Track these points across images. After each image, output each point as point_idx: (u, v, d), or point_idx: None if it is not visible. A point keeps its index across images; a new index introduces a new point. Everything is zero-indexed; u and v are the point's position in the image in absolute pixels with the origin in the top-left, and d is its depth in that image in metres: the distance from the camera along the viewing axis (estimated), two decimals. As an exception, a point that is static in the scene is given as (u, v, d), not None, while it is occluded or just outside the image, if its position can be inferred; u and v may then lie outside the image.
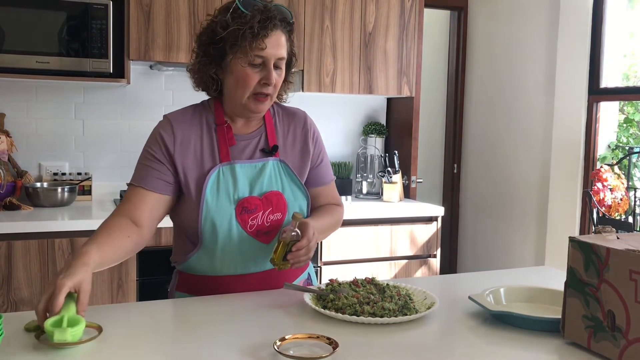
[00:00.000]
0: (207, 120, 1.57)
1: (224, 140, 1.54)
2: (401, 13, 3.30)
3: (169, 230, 2.61)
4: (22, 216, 2.54)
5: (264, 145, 1.59)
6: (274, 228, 1.55)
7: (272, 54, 1.47)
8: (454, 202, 4.08)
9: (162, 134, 1.53)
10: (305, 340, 1.17)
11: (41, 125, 2.98)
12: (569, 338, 1.23)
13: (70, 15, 2.63)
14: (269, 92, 1.51)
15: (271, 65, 1.48)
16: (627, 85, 3.32)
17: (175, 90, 3.22)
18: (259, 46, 1.45)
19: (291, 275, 1.63)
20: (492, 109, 3.78)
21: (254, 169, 1.55)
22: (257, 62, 1.47)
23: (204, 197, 1.49)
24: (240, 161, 1.54)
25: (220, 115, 1.57)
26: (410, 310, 1.35)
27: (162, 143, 1.52)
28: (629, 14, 3.20)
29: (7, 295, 2.39)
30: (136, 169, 1.54)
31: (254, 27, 1.44)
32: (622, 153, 3.18)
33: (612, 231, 1.23)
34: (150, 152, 1.53)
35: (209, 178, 1.50)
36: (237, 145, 1.56)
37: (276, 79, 1.51)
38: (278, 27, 1.48)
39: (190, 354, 1.15)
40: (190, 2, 2.83)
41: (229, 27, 1.46)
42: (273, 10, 1.48)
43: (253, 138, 1.59)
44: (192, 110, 1.59)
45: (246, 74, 1.47)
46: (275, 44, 1.48)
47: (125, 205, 1.51)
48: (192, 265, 1.58)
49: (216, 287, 1.55)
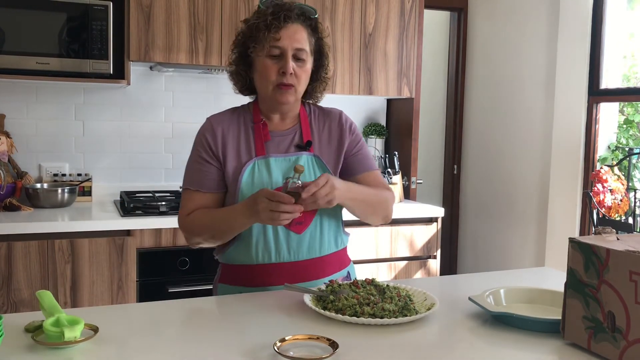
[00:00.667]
0: (244, 119, 1.68)
1: (259, 136, 1.64)
2: (401, 14, 3.31)
3: (170, 231, 2.61)
4: (22, 217, 2.54)
5: (298, 141, 1.67)
6: (306, 219, 1.61)
7: (288, 44, 1.55)
8: (454, 203, 4.08)
9: (205, 135, 1.64)
10: (306, 341, 1.17)
11: (41, 126, 2.98)
12: (569, 339, 1.23)
13: (71, 16, 2.63)
14: (290, 82, 1.57)
15: (288, 55, 1.56)
16: (627, 86, 3.32)
17: (175, 91, 3.22)
18: (273, 37, 1.54)
19: (328, 269, 1.67)
20: (492, 109, 3.78)
21: (288, 162, 1.62)
22: (275, 52, 1.56)
23: (240, 188, 1.59)
24: (274, 155, 1.62)
25: (257, 114, 1.67)
26: (410, 311, 1.35)
27: (206, 144, 1.63)
28: (629, 14, 3.21)
29: (7, 296, 2.39)
30: (188, 172, 1.66)
31: (267, 19, 1.54)
32: (622, 154, 3.18)
33: (612, 232, 1.23)
34: (199, 155, 1.64)
35: (244, 170, 1.60)
36: (273, 141, 1.64)
37: (296, 69, 1.57)
38: (294, 20, 1.57)
39: (190, 354, 1.15)
40: (191, 3, 2.83)
41: (249, 22, 1.59)
42: (289, 5, 1.58)
43: (288, 135, 1.67)
44: (231, 111, 1.72)
45: (265, 66, 1.57)
46: (291, 36, 1.56)
47: (190, 207, 1.63)
48: (231, 256, 1.65)
49: (254, 276, 1.62)
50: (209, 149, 1.63)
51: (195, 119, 3.26)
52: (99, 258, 2.51)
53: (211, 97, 3.29)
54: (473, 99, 3.95)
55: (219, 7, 2.88)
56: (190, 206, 1.63)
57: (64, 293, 2.46)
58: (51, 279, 2.44)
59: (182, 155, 3.25)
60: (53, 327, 1.14)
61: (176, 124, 3.23)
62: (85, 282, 2.49)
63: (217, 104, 3.30)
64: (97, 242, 2.50)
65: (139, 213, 2.65)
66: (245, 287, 1.62)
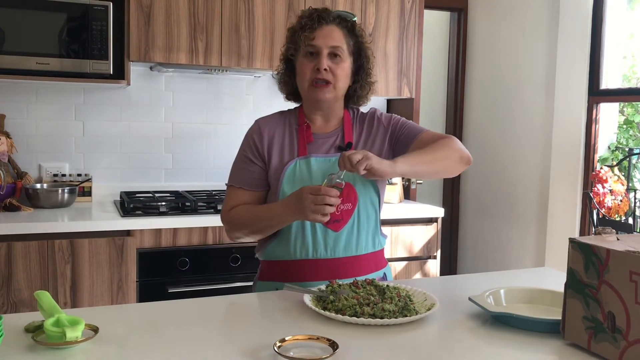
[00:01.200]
0: (290, 121, 1.75)
1: (302, 138, 1.71)
2: (401, 14, 3.31)
3: (170, 232, 2.61)
4: (22, 217, 2.54)
5: (339, 143, 1.73)
6: (343, 217, 1.66)
7: (322, 43, 1.63)
8: (454, 204, 4.08)
9: (252, 136, 1.73)
10: (306, 342, 1.17)
11: (41, 126, 2.98)
12: (569, 339, 1.23)
13: (71, 16, 2.63)
14: (325, 78, 1.64)
15: (323, 52, 1.63)
16: (627, 86, 3.32)
17: (175, 92, 3.22)
18: (308, 37, 1.63)
19: (364, 268, 1.70)
20: (492, 110, 3.78)
21: (328, 163, 1.68)
22: (310, 50, 1.64)
23: (281, 185, 1.66)
24: (315, 155, 1.69)
25: (301, 117, 1.75)
26: (410, 312, 1.35)
27: (253, 144, 1.72)
28: (629, 15, 3.21)
29: (7, 297, 2.39)
30: (234, 170, 1.75)
31: (302, 21, 1.65)
32: (622, 154, 3.18)
33: (612, 232, 1.23)
34: (246, 155, 1.73)
35: (286, 169, 1.67)
36: (315, 143, 1.71)
37: (332, 66, 1.64)
38: (329, 21, 1.65)
39: (190, 354, 1.14)
40: (191, 4, 2.83)
41: (289, 28, 1.71)
42: (326, 10, 1.67)
43: (331, 137, 1.73)
44: (278, 114, 1.79)
45: (302, 64, 1.66)
46: (326, 35, 1.64)
47: (233, 203, 1.71)
48: (271, 252, 1.72)
49: (291, 271, 1.67)
50: (255, 149, 1.71)
51: (195, 119, 3.26)
52: (99, 258, 2.51)
53: (211, 97, 3.29)
54: (473, 99, 3.95)
55: (219, 7, 2.88)
56: (233, 202, 1.71)
57: (63, 293, 2.46)
58: (51, 279, 2.44)
59: (182, 155, 3.25)
60: (54, 327, 1.14)
61: (176, 124, 3.23)
62: (85, 282, 2.49)
63: (217, 104, 3.30)
64: (97, 243, 2.50)
65: (139, 213, 2.65)
66: (282, 282, 1.65)
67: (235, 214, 1.70)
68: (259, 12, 2.95)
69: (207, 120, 3.29)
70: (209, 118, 3.29)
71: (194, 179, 3.28)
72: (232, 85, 3.32)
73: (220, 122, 3.31)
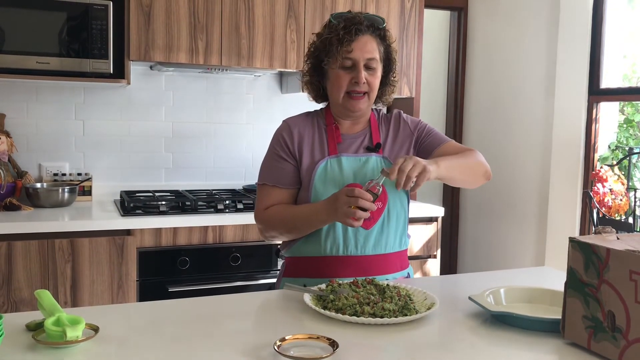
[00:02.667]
0: (318, 122, 1.78)
1: (332, 138, 1.74)
2: (401, 13, 3.31)
3: (170, 231, 2.61)
4: (23, 217, 2.54)
5: (368, 144, 1.76)
6: (374, 216, 1.68)
7: (360, 55, 1.65)
8: (454, 203, 4.08)
9: (282, 135, 1.75)
10: (306, 341, 1.17)
11: (41, 125, 2.98)
12: (569, 338, 1.23)
13: (71, 15, 2.63)
14: (363, 90, 1.68)
15: (360, 66, 1.65)
16: (627, 85, 3.32)
17: (175, 91, 3.22)
18: (346, 49, 1.64)
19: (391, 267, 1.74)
20: (492, 109, 3.78)
21: (359, 162, 1.71)
22: (347, 64, 1.66)
23: (313, 183, 1.69)
24: (346, 154, 1.72)
25: (329, 118, 1.77)
26: (411, 311, 1.35)
27: (283, 142, 1.74)
28: (629, 14, 3.21)
29: (7, 296, 2.39)
30: (265, 170, 1.76)
31: (339, 33, 1.64)
32: (622, 154, 3.18)
33: (612, 232, 1.23)
34: (276, 153, 1.75)
35: (317, 167, 1.70)
36: (344, 143, 1.74)
37: (368, 78, 1.67)
38: (365, 32, 1.66)
39: (190, 354, 1.15)
40: (191, 3, 2.83)
41: (322, 36, 1.70)
42: (359, 17, 1.67)
43: (358, 137, 1.77)
44: (306, 114, 1.82)
45: (338, 76, 1.67)
46: (362, 47, 1.65)
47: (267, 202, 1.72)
48: (300, 248, 1.74)
49: (321, 267, 1.69)
50: (285, 147, 1.73)
51: (196, 118, 3.26)
52: (99, 257, 2.51)
53: (211, 96, 3.29)
54: (473, 99, 3.95)
55: (219, 6, 2.88)
56: (268, 201, 1.73)
57: (64, 292, 2.46)
58: (51, 279, 2.44)
59: (182, 154, 3.25)
60: (54, 326, 1.14)
61: (176, 124, 3.23)
62: (85, 281, 2.50)
63: (217, 103, 3.30)
64: (97, 242, 2.50)
65: (139, 212, 2.65)
66: (310, 278, 1.69)
67: (272, 212, 1.71)
68: (259, 11, 2.95)
69: (207, 120, 3.29)
70: (209, 117, 3.29)
71: (194, 178, 3.28)
72: (232, 85, 3.32)
73: (220, 122, 3.31)
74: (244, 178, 3.36)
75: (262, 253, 2.78)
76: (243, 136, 3.36)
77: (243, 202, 2.85)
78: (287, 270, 1.80)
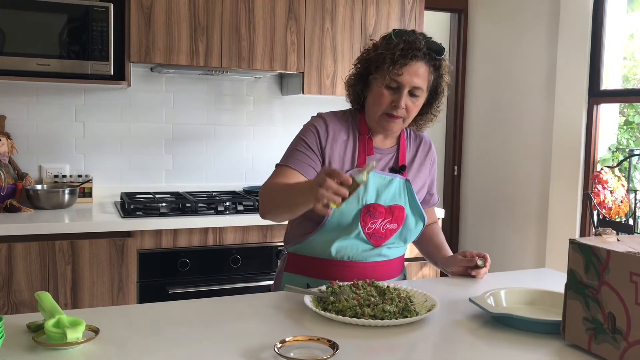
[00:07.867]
0: (353, 126, 1.75)
1: (363, 149, 1.72)
2: (401, 15, 3.31)
3: (170, 232, 2.61)
4: (23, 218, 2.54)
5: (393, 164, 1.76)
6: (386, 235, 1.70)
7: (407, 81, 1.61)
8: (455, 205, 4.08)
9: (317, 127, 1.71)
10: (306, 343, 1.18)
11: (42, 127, 2.99)
12: (570, 340, 1.23)
13: (71, 17, 2.64)
14: (400, 115, 1.65)
15: (405, 91, 1.62)
16: (627, 87, 3.32)
17: (175, 93, 3.22)
18: (395, 72, 1.60)
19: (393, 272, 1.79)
20: (493, 111, 3.78)
21: (383, 180, 1.70)
22: (393, 85, 1.63)
23: None
24: (374, 170, 1.67)
25: (363, 127, 1.74)
26: (411, 313, 1.35)
27: (316, 135, 1.70)
28: (629, 16, 3.21)
29: (7, 297, 2.39)
30: (289, 153, 1.71)
31: (394, 54, 1.60)
32: (623, 155, 3.18)
33: (613, 233, 1.23)
34: (305, 141, 1.70)
35: None
36: (374, 157, 1.72)
37: (408, 104, 1.65)
38: (420, 58, 1.62)
39: (190, 355, 1.15)
40: (191, 5, 2.84)
41: (378, 50, 1.65)
42: (419, 42, 1.62)
43: (387, 154, 1.76)
44: (342, 113, 1.78)
45: (381, 94, 1.64)
46: (413, 73, 1.61)
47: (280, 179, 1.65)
48: (307, 246, 1.72)
49: (325, 269, 1.70)
50: (317, 139, 1.69)
51: (196, 120, 3.26)
52: (100, 259, 2.51)
53: (211, 98, 3.29)
54: (473, 100, 3.95)
55: (220, 8, 2.88)
56: (275, 179, 1.66)
57: (64, 294, 2.46)
58: (52, 280, 2.44)
59: (183, 156, 3.25)
60: (55, 328, 1.14)
61: (176, 125, 3.23)
62: (85, 283, 2.50)
63: (217, 105, 3.30)
64: (98, 243, 2.51)
65: (140, 214, 2.65)
66: (312, 277, 1.70)
67: (269, 185, 1.65)
68: (259, 13, 2.95)
69: (208, 121, 3.29)
70: (209, 119, 3.29)
71: (195, 179, 3.28)
72: (233, 86, 3.33)
73: (220, 123, 3.31)
74: (244, 180, 3.36)
75: (263, 255, 2.78)
76: (243, 138, 3.36)
77: (243, 204, 2.85)
78: (288, 265, 1.79)
